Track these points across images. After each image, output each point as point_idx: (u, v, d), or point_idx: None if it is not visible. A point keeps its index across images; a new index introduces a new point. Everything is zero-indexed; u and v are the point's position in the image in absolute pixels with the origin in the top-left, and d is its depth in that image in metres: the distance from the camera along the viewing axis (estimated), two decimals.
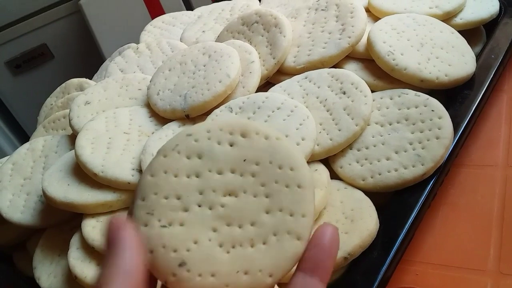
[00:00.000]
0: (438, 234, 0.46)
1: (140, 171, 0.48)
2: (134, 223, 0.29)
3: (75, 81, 0.72)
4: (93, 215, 0.47)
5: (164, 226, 0.29)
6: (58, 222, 0.51)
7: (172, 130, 0.52)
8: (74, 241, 0.47)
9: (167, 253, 0.28)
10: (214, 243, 0.29)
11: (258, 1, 0.75)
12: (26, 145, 0.60)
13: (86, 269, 0.43)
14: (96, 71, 0.79)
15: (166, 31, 0.78)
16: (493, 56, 0.54)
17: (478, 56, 0.55)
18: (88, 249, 0.45)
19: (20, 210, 0.53)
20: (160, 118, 0.55)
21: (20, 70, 1.43)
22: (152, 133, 0.53)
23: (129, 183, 0.47)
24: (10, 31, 1.34)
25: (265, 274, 0.28)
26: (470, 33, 0.59)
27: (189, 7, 1.27)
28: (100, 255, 0.44)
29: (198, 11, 0.81)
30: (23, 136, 1.42)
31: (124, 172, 0.48)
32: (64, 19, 1.37)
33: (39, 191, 0.53)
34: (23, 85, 1.44)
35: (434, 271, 0.44)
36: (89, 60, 1.23)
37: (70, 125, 0.57)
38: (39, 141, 0.59)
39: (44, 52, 1.41)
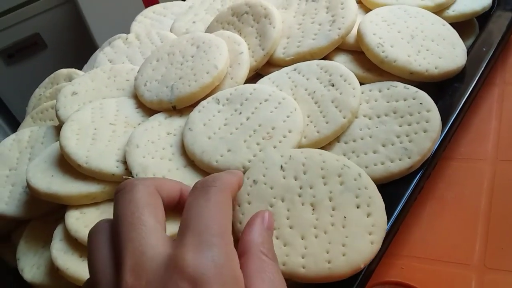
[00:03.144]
0: (425, 227, 0.46)
1: (124, 162, 0.47)
2: None
3: (64, 71, 0.71)
4: (77, 206, 0.47)
5: None
6: (43, 214, 0.51)
7: (158, 121, 0.51)
8: (58, 233, 0.46)
9: None
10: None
11: None
12: (13, 136, 0.59)
13: (68, 261, 0.43)
14: None
15: (157, 21, 0.78)
16: (484, 49, 0.53)
17: (469, 49, 0.54)
18: (71, 241, 0.45)
19: (5, 201, 0.52)
20: (147, 109, 0.54)
21: (13, 60, 1.42)
22: (139, 124, 0.52)
23: (113, 174, 0.47)
24: (3, 20, 1.33)
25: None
26: (463, 25, 0.58)
27: None
28: (83, 247, 0.44)
29: (189, 1, 0.80)
30: (16, 126, 1.41)
31: (109, 163, 0.47)
32: (57, 8, 1.36)
33: (24, 182, 0.52)
34: (16, 75, 1.43)
35: (420, 265, 0.43)
36: (82, 49, 1.22)
37: (57, 116, 0.56)
38: (26, 132, 0.59)
39: (37, 42, 1.40)
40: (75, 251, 0.44)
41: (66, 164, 0.49)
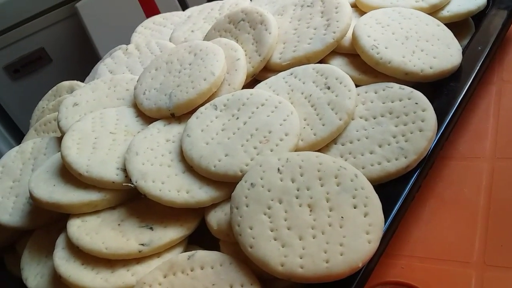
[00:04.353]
0: (425, 227, 0.46)
1: (124, 170, 0.48)
2: None
3: (66, 83, 0.73)
4: (79, 215, 0.47)
5: None
6: (46, 223, 0.52)
7: (157, 129, 0.52)
8: (60, 241, 0.47)
9: None
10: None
11: (249, 0, 0.74)
12: (16, 148, 0.60)
13: (70, 269, 0.43)
14: None
15: (156, 32, 0.78)
16: (480, 48, 0.53)
17: (465, 48, 0.54)
18: (73, 249, 0.45)
19: (8, 212, 0.53)
20: (147, 117, 0.55)
21: (19, 75, 1.43)
22: (138, 132, 0.52)
23: (113, 182, 0.47)
24: (8, 36, 1.35)
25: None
26: (458, 25, 0.58)
27: (185, 7, 1.27)
28: (85, 255, 0.44)
29: (188, 11, 0.80)
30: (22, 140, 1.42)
31: (109, 171, 0.48)
32: (61, 23, 1.38)
33: (27, 193, 0.53)
34: (22, 90, 1.45)
35: (420, 264, 0.43)
36: (86, 63, 1.23)
37: (58, 127, 0.57)
38: (29, 144, 0.60)
39: (42, 56, 1.41)
40: (77, 259, 0.45)
41: (67, 173, 0.50)
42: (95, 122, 0.54)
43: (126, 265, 0.43)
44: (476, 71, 0.51)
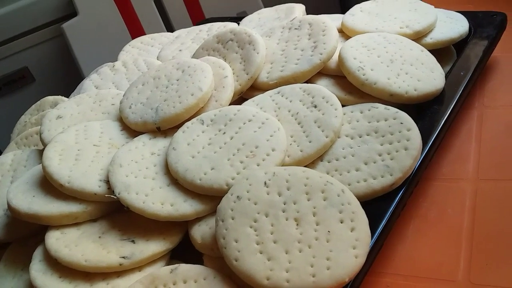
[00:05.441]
0: (409, 245, 0.46)
1: (107, 182, 0.47)
2: None
3: (50, 98, 0.72)
4: (58, 227, 0.46)
5: None
6: (23, 236, 0.50)
7: (142, 142, 0.51)
8: (37, 254, 0.45)
9: None
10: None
11: (237, 24, 0.76)
12: None
13: (47, 282, 0.42)
14: None
15: (144, 51, 0.79)
16: (462, 73, 0.55)
17: (448, 73, 0.56)
18: (51, 262, 0.44)
19: None
20: (132, 131, 0.54)
21: (0, 93, 1.42)
22: (123, 145, 0.52)
23: (95, 194, 0.46)
24: None
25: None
26: (441, 52, 0.60)
27: (171, 30, 1.28)
28: (63, 267, 0.43)
29: (176, 32, 0.81)
30: None
31: (91, 183, 0.47)
32: (46, 43, 1.37)
33: (5, 205, 0.51)
34: (3, 108, 1.43)
35: (405, 282, 0.43)
36: (70, 84, 1.23)
37: (41, 139, 0.56)
38: (9, 156, 0.58)
39: (25, 75, 1.40)
40: (55, 271, 0.43)
41: (48, 185, 0.49)
42: (78, 134, 0.53)
43: (106, 278, 0.42)
44: (459, 94, 0.52)
